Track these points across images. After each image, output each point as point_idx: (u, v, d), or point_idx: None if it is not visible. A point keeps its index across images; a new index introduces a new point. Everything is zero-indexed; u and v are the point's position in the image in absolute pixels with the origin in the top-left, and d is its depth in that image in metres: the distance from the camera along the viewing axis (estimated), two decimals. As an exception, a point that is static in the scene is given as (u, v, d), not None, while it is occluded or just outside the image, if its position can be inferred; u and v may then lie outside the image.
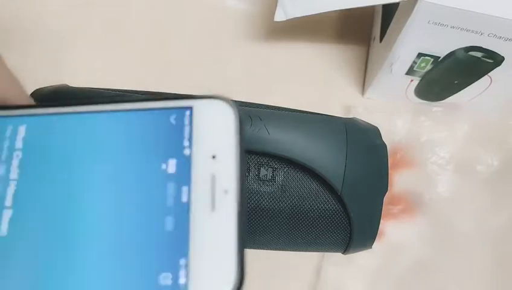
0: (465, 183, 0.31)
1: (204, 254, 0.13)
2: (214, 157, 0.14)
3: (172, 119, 0.15)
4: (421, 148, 0.31)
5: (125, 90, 0.25)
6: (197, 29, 0.36)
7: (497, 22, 0.24)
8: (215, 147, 0.14)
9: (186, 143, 0.15)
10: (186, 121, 0.15)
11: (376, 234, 0.24)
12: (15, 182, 0.15)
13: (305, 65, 0.35)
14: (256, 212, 0.22)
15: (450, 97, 0.33)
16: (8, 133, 0.16)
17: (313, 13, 0.28)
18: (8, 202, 0.15)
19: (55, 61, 0.34)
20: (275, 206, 0.22)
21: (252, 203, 0.22)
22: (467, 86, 0.31)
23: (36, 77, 0.33)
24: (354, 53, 0.36)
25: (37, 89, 0.24)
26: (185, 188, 0.14)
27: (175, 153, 0.15)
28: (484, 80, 0.30)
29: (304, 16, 0.28)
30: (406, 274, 0.30)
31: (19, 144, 0.16)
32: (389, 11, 0.30)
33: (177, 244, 0.13)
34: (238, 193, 0.14)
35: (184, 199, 0.14)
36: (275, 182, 0.22)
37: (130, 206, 0.14)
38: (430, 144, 0.32)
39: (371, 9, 0.37)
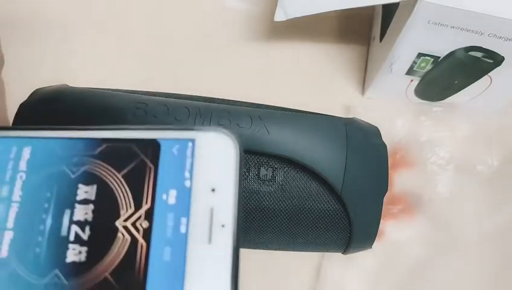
0: (465, 183, 0.31)
1: (200, 286, 0.13)
2: (213, 190, 0.14)
3: (174, 150, 0.15)
4: (421, 148, 0.31)
5: (125, 90, 0.25)
6: (197, 29, 0.36)
7: (497, 22, 0.24)
8: (215, 181, 0.15)
9: (187, 175, 0.15)
10: (189, 153, 0.15)
11: (376, 234, 0.24)
12: (17, 204, 0.15)
13: (305, 65, 0.35)
14: (256, 212, 0.22)
15: (450, 97, 0.33)
16: (12, 154, 0.16)
17: (313, 13, 0.28)
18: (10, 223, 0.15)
19: (55, 61, 0.34)
20: (274, 206, 0.22)
21: (252, 203, 0.22)
22: (467, 86, 0.31)
23: (36, 77, 0.33)
24: (354, 53, 0.36)
25: (37, 89, 0.24)
26: (183, 220, 0.14)
27: (176, 184, 0.15)
28: (484, 80, 0.30)
29: (303, 16, 0.28)
30: (406, 274, 0.30)
31: (22, 165, 0.15)
32: (389, 11, 0.30)
33: (172, 276, 0.14)
34: (235, 228, 0.14)
35: (182, 230, 0.14)
36: (275, 182, 0.22)
37: None
38: (430, 144, 0.32)
39: (371, 9, 0.37)
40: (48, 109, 0.23)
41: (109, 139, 0.16)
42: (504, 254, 0.30)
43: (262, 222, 0.23)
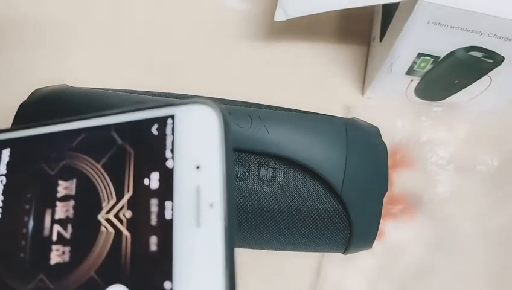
0: (465, 183, 0.31)
1: (190, 274, 0.12)
2: (198, 167, 0.13)
3: (154, 130, 0.14)
4: (421, 148, 0.31)
5: (125, 90, 0.25)
6: (197, 29, 0.36)
7: (497, 22, 0.24)
8: (199, 157, 0.13)
9: (168, 154, 0.14)
10: (169, 131, 0.14)
11: (376, 234, 0.24)
12: None
13: (305, 65, 0.35)
14: (256, 212, 0.22)
15: (450, 97, 0.33)
16: None
17: (313, 13, 0.28)
18: None
19: (55, 61, 0.34)
20: (274, 206, 0.22)
21: (252, 203, 0.22)
22: (467, 86, 0.31)
23: (36, 77, 0.33)
24: (354, 53, 0.36)
25: (36, 89, 0.24)
26: (168, 204, 0.13)
27: (157, 166, 0.14)
28: (484, 80, 0.30)
29: (303, 16, 0.28)
30: (406, 274, 0.30)
31: (2, 169, 0.15)
32: (389, 11, 0.30)
33: (160, 266, 0.13)
34: (225, 206, 0.13)
35: (167, 215, 0.13)
36: (275, 182, 0.22)
37: None
38: (430, 144, 0.32)
39: (371, 9, 0.37)
40: (48, 109, 0.23)
41: (85, 129, 0.15)
42: (504, 254, 0.30)
43: (262, 222, 0.23)
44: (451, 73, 0.30)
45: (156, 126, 0.14)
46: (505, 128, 0.32)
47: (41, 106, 0.23)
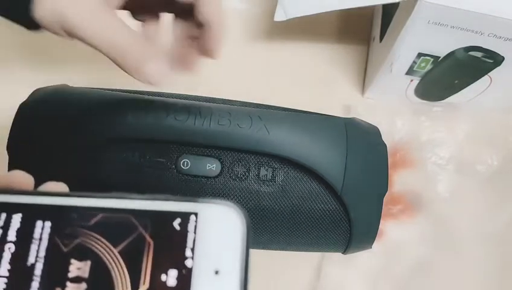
0: (465, 183, 0.31)
1: None
2: (217, 272, 0.13)
3: (176, 224, 0.14)
4: (421, 148, 0.31)
5: (125, 90, 0.25)
6: (197, 29, 0.36)
7: (497, 22, 0.24)
8: (219, 261, 0.13)
9: (189, 253, 0.13)
10: (191, 228, 0.14)
11: (376, 234, 0.24)
12: (5, 280, 0.13)
13: (305, 65, 0.35)
14: (256, 212, 0.22)
15: (450, 97, 0.33)
16: (0, 221, 0.14)
17: (313, 13, 0.28)
18: None
19: (55, 61, 0.34)
20: (275, 206, 0.22)
21: (252, 204, 0.22)
22: (467, 86, 0.31)
23: (36, 77, 0.33)
24: (354, 53, 0.36)
25: (37, 89, 0.24)
26: None
27: (176, 263, 0.13)
28: (484, 80, 0.30)
29: (303, 16, 0.28)
30: (406, 274, 0.30)
31: (11, 235, 0.14)
32: (389, 11, 0.30)
33: None
34: None
35: None
36: (275, 182, 0.22)
37: None
38: (430, 144, 0.32)
39: (371, 9, 0.37)
40: (48, 108, 0.23)
41: (105, 208, 0.14)
42: (504, 254, 0.30)
43: (263, 222, 0.23)
44: (451, 73, 0.30)
45: (178, 221, 0.14)
46: (505, 128, 0.32)
47: (41, 105, 0.23)
